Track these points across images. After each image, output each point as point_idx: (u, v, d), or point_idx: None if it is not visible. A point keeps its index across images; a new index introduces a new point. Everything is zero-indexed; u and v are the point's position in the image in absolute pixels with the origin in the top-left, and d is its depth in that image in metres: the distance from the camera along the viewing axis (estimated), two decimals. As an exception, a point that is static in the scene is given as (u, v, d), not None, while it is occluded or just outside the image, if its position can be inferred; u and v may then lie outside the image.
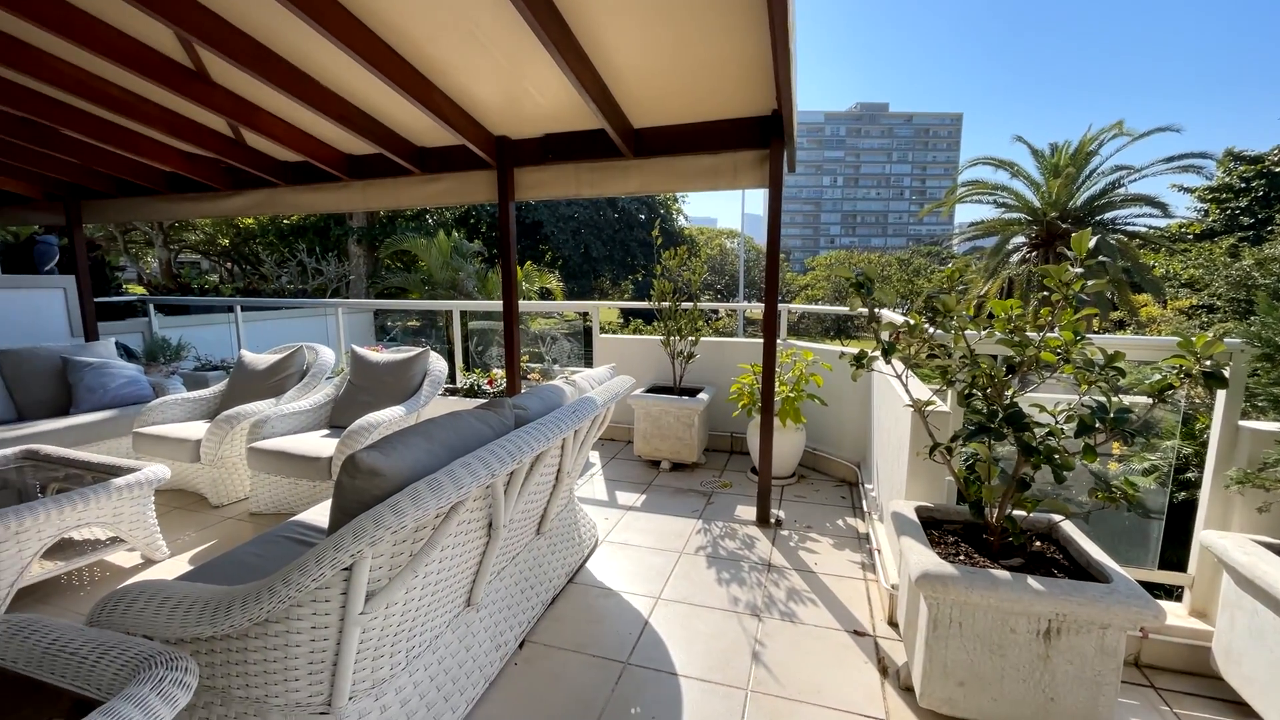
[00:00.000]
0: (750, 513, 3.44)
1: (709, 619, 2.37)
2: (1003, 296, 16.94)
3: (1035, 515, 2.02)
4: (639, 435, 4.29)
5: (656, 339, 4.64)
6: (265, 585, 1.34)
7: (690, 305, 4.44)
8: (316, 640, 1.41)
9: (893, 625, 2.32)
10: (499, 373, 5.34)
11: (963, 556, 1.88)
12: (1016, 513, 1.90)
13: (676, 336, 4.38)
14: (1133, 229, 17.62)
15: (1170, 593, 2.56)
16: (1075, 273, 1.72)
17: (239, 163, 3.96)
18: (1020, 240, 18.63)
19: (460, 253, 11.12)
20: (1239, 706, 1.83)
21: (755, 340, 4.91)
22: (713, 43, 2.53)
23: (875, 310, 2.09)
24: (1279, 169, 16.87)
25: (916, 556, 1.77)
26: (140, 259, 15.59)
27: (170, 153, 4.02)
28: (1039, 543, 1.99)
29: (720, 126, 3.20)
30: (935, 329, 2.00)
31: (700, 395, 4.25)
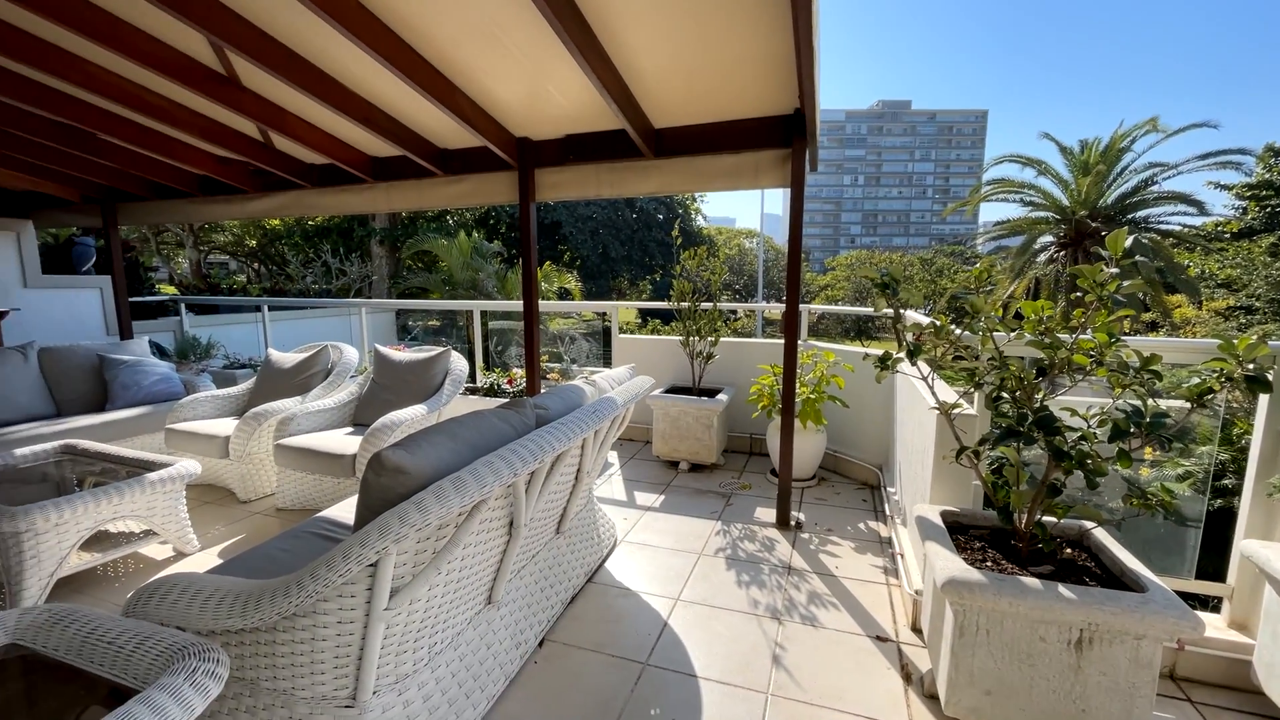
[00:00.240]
0: (770, 515, 3.41)
1: (728, 621, 2.35)
2: (1029, 297, 16.63)
3: (1065, 522, 1.97)
4: (658, 435, 4.29)
5: (675, 339, 4.64)
6: (293, 580, 1.37)
7: (710, 306, 4.42)
8: (342, 635, 1.43)
9: (916, 631, 2.28)
10: (518, 372, 5.37)
11: (990, 563, 1.84)
12: (1046, 519, 1.85)
13: (696, 337, 4.37)
14: (1166, 227, 17.12)
15: (1205, 603, 2.47)
16: (1110, 273, 1.67)
17: (267, 165, 4.05)
18: (1048, 239, 18.24)
19: (480, 253, 11.22)
20: (1282, 723, 1.77)
21: (775, 341, 4.88)
22: (735, 41, 2.51)
23: (900, 311, 2.06)
24: (1323, 165, 16.21)
25: (942, 562, 1.73)
26: (171, 260, 16.06)
27: (202, 156, 4.13)
28: (1069, 550, 1.94)
29: (742, 126, 3.18)
30: (962, 330, 1.97)
31: (719, 396, 4.23)
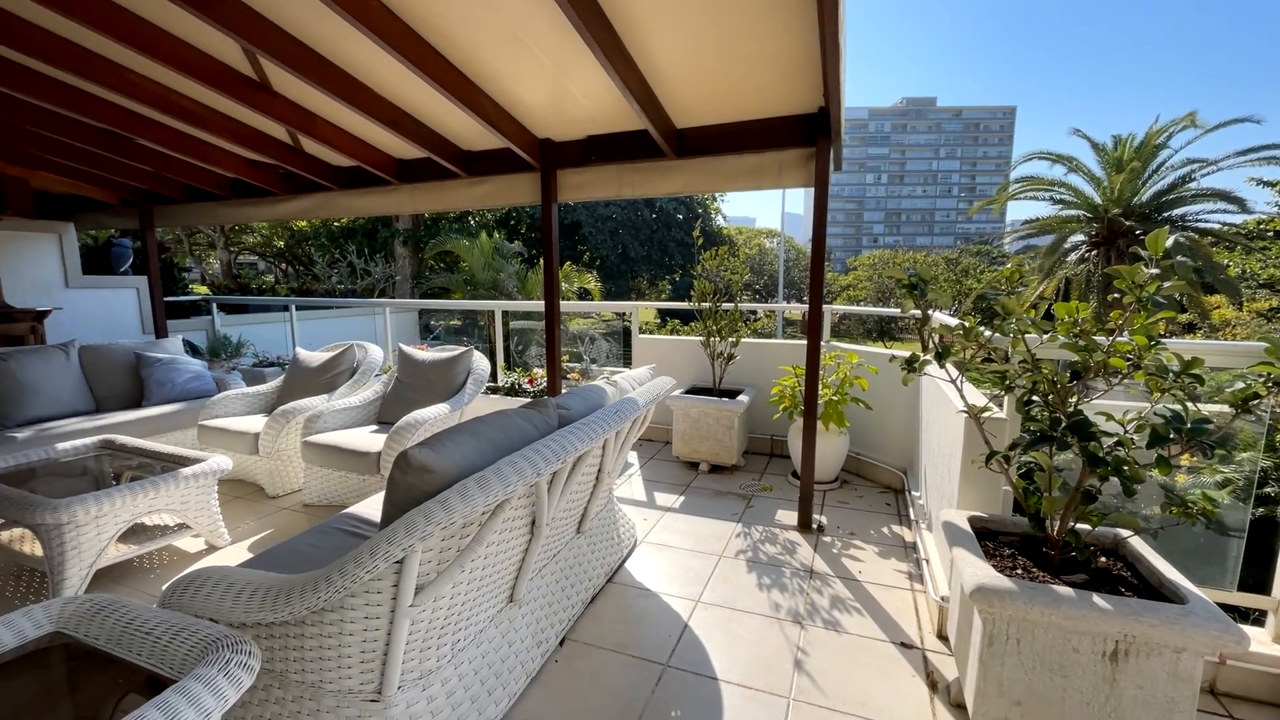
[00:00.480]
0: (791, 517, 3.38)
1: (750, 624, 2.34)
2: (1059, 297, 16.23)
3: (1100, 530, 1.92)
4: (678, 436, 4.27)
5: (696, 340, 4.62)
6: (323, 575, 1.39)
7: (731, 306, 4.39)
8: (369, 630, 1.45)
9: (942, 638, 2.24)
10: (539, 372, 5.40)
11: (1020, 570, 1.79)
12: (1080, 526, 1.80)
13: (716, 337, 4.35)
14: (1204, 225, 16.49)
15: (1246, 616, 2.38)
16: (1150, 274, 1.62)
17: (296, 168, 4.14)
18: (1079, 238, 17.73)
19: (501, 253, 11.32)
20: (1331, 743, 1.70)
21: (796, 341, 4.83)
22: (759, 40, 2.49)
23: (928, 312, 2.02)
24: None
25: (971, 569, 1.70)
26: (203, 260, 16.52)
27: (234, 159, 4.24)
28: (1104, 558, 1.88)
29: (765, 125, 3.16)
30: (992, 332, 1.92)
31: (740, 397, 4.20)
